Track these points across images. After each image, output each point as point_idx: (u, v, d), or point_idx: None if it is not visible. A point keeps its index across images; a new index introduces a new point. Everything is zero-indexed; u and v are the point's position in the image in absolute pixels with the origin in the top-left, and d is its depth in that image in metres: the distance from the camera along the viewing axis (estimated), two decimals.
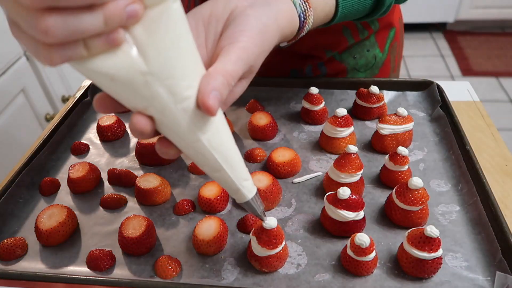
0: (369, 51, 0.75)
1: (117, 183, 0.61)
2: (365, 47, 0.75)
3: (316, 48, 0.71)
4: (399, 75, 0.87)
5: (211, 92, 0.31)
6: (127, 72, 0.29)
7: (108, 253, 0.50)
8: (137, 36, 0.28)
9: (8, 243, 0.51)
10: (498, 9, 2.81)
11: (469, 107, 0.74)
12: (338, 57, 0.74)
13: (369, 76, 0.79)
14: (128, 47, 0.28)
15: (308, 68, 0.74)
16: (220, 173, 0.38)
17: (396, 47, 0.80)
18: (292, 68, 0.74)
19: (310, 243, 0.51)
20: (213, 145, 0.36)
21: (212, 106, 0.31)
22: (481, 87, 2.43)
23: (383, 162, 0.59)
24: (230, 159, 0.38)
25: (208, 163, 0.37)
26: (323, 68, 0.75)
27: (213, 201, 0.54)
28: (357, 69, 0.76)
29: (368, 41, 0.75)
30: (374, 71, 0.79)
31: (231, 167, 0.38)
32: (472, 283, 0.45)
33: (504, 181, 0.59)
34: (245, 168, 0.41)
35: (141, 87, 0.30)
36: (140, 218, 0.51)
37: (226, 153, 0.37)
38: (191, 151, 0.36)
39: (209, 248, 0.49)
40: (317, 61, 0.74)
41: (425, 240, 0.44)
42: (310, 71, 0.75)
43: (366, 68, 0.76)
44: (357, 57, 0.74)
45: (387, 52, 0.78)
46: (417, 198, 0.50)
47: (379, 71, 0.80)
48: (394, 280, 0.47)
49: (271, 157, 0.60)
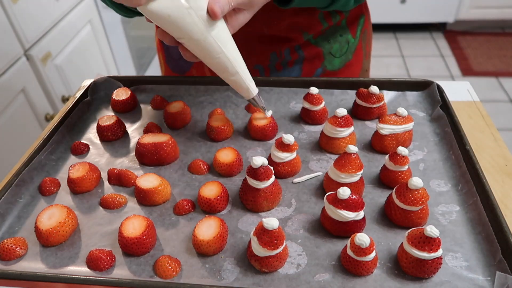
0: (342, 36, 0.80)
1: (117, 183, 0.61)
2: (337, 32, 0.79)
3: (292, 29, 0.75)
4: (370, 62, 0.92)
5: (217, 3, 0.49)
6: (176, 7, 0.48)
7: (108, 253, 0.50)
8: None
9: (8, 243, 0.51)
10: (498, 9, 2.81)
11: (469, 107, 0.74)
12: (314, 41, 0.78)
13: (344, 61, 0.82)
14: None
15: (287, 52, 0.78)
16: (236, 76, 0.57)
17: (366, 34, 0.85)
18: (271, 52, 0.78)
19: (310, 243, 0.51)
20: (232, 55, 0.55)
21: (216, 11, 0.49)
22: (481, 87, 2.43)
23: (383, 162, 0.59)
24: (242, 65, 0.57)
25: (227, 69, 0.56)
26: (300, 51, 0.78)
27: (213, 201, 0.54)
28: (333, 54, 0.80)
29: (339, 26, 0.79)
30: (348, 56, 0.82)
31: (243, 71, 0.57)
32: (472, 283, 0.45)
33: (504, 181, 0.59)
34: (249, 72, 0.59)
35: (186, 18, 0.49)
36: (140, 218, 0.51)
37: (239, 61, 0.56)
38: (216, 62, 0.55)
39: (209, 248, 0.49)
40: (294, 44, 0.77)
41: (425, 240, 0.44)
42: (289, 54, 0.78)
43: (341, 53, 0.81)
44: (331, 41, 0.79)
45: (358, 38, 0.83)
46: (417, 198, 0.50)
47: (352, 56, 0.83)
48: (394, 280, 0.47)
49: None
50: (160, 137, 0.63)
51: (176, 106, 0.70)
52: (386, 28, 3.02)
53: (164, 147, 0.62)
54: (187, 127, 0.71)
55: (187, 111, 0.71)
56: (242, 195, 0.55)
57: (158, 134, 0.64)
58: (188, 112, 0.71)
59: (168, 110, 0.70)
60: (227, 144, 0.67)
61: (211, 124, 0.67)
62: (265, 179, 0.53)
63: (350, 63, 0.83)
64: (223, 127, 0.67)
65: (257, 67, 0.79)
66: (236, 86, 0.59)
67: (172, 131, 0.70)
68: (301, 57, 0.79)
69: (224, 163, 0.60)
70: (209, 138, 0.68)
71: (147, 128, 0.69)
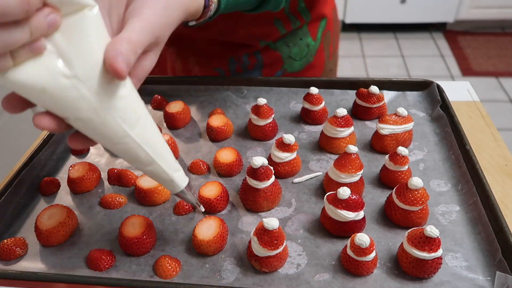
0: (302, 40, 0.79)
1: (117, 183, 0.61)
2: (298, 36, 0.78)
3: (249, 38, 0.75)
4: (337, 62, 0.92)
5: (118, 56, 0.33)
6: (54, 78, 0.31)
7: (108, 253, 0.50)
8: (57, 43, 0.31)
9: (8, 243, 0.51)
10: (498, 9, 2.81)
11: (469, 107, 0.74)
12: (273, 45, 0.77)
13: (304, 64, 0.82)
14: (52, 55, 0.31)
15: (245, 56, 0.78)
16: (153, 166, 0.40)
17: (329, 36, 0.85)
18: (230, 56, 0.78)
19: (310, 243, 0.51)
20: (143, 139, 0.38)
21: (121, 69, 0.32)
22: (481, 87, 2.43)
23: (383, 162, 0.59)
24: (160, 152, 0.40)
25: (140, 158, 0.39)
26: (259, 56, 0.78)
27: (213, 201, 0.54)
28: (292, 57, 0.79)
29: (301, 30, 0.78)
30: (309, 58, 0.82)
31: (162, 159, 0.41)
32: (472, 283, 0.45)
33: (504, 181, 0.59)
34: (175, 159, 0.43)
35: (70, 92, 0.32)
36: (140, 218, 0.51)
37: (155, 146, 0.40)
38: (121, 149, 0.38)
39: (209, 248, 0.49)
40: (252, 50, 0.77)
41: (425, 240, 0.44)
42: (247, 59, 0.78)
43: (301, 56, 0.80)
44: (291, 45, 0.78)
45: (319, 40, 0.82)
46: (417, 198, 0.50)
47: (313, 58, 0.83)
48: (394, 280, 0.47)
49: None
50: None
51: (176, 106, 0.70)
52: (386, 28, 3.02)
53: None
54: (187, 127, 0.71)
55: (187, 111, 0.71)
56: (242, 195, 0.55)
57: None
58: (188, 112, 0.71)
59: (168, 110, 0.70)
60: (227, 144, 0.67)
61: (211, 124, 0.67)
62: (265, 179, 0.53)
63: (311, 65, 0.83)
64: (223, 127, 0.67)
65: (218, 70, 0.80)
66: (155, 178, 0.42)
67: (172, 131, 0.70)
68: (260, 62, 0.79)
69: (224, 163, 0.60)
70: (209, 138, 0.68)
71: None
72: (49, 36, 0.31)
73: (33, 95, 0.32)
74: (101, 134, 0.36)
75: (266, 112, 0.65)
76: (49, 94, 0.32)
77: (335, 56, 0.91)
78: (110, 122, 0.35)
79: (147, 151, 0.39)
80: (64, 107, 0.33)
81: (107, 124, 0.35)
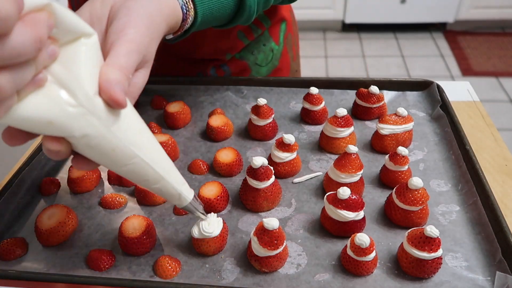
0: (265, 45, 0.80)
1: (117, 183, 0.61)
2: (261, 42, 0.79)
3: (215, 53, 0.76)
4: (300, 62, 0.93)
5: (115, 86, 0.33)
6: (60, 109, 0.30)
7: (108, 253, 0.50)
8: (57, 73, 0.30)
9: (8, 243, 0.51)
10: (498, 9, 2.81)
11: (469, 107, 0.74)
12: (238, 55, 0.79)
13: (271, 68, 0.83)
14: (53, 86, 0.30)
15: (212, 70, 0.79)
16: (161, 183, 0.40)
17: (290, 38, 0.86)
18: (198, 72, 0.79)
19: (310, 243, 0.51)
20: (150, 157, 0.37)
21: (120, 98, 0.33)
22: (481, 87, 2.43)
23: (383, 162, 0.59)
24: (166, 168, 0.40)
25: (148, 177, 0.38)
26: (225, 67, 0.79)
27: (213, 201, 0.54)
28: (258, 64, 0.80)
29: (262, 36, 0.79)
30: (274, 63, 0.83)
31: (169, 174, 0.40)
32: (472, 283, 0.45)
33: (504, 181, 0.59)
34: (179, 173, 0.42)
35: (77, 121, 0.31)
36: (140, 218, 0.51)
37: (162, 163, 0.39)
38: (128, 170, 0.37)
39: (209, 248, 0.49)
40: (219, 63, 0.78)
41: (425, 240, 0.44)
42: (214, 72, 0.79)
43: (267, 61, 0.81)
44: (255, 52, 0.79)
45: (282, 43, 0.83)
46: (417, 198, 0.50)
47: (279, 62, 0.84)
48: (394, 280, 0.47)
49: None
50: (160, 137, 0.63)
51: (176, 106, 0.70)
52: (386, 28, 3.02)
53: (164, 147, 0.61)
54: (187, 127, 0.71)
55: (187, 111, 0.71)
56: (242, 195, 0.55)
57: (158, 134, 0.64)
58: (188, 112, 0.71)
59: (168, 110, 0.70)
60: (227, 144, 0.67)
61: (211, 124, 0.67)
62: (265, 179, 0.53)
63: (278, 69, 0.85)
64: (223, 127, 0.67)
65: None
66: (163, 194, 0.42)
67: (172, 131, 0.70)
68: (228, 73, 0.80)
69: (224, 163, 0.60)
70: (209, 138, 0.68)
71: None
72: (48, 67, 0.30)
73: (39, 128, 0.31)
74: (110, 158, 0.35)
75: (266, 112, 0.65)
76: (57, 125, 0.31)
77: (298, 57, 0.92)
78: (119, 146, 0.35)
79: (155, 169, 0.38)
80: (71, 136, 0.32)
81: (116, 149, 0.35)
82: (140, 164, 0.37)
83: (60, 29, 0.30)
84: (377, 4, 2.82)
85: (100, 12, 0.40)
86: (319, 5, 2.85)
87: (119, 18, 0.38)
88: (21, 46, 0.26)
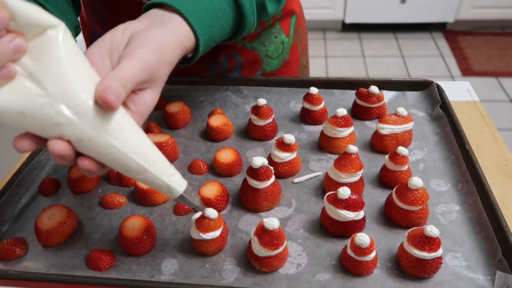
0: (277, 37, 0.80)
1: (117, 183, 0.61)
2: (272, 34, 0.80)
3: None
4: (308, 59, 0.94)
5: (107, 89, 0.35)
6: (29, 100, 0.32)
7: (108, 253, 0.50)
8: (27, 66, 0.32)
9: (8, 243, 0.51)
10: (498, 9, 2.81)
11: (469, 107, 0.74)
12: (250, 45, 0.79)
13: (281, 61, 0.83)
14: (23, 78, 0.32)
15: (224, 58, 0.78)
16: (145, 173, 0.40)
17: (300, 32, 0.87)
18: (208, 60, 0.78)
19: (310, 243, 0.51)
20: (129, 148, 0.38)
21: (111, 100, 0.34)
22: (481, 87, 2.43)
23: (383, 162, 0.59)
24: (151, 159, 0.40)
25: (130, 167, 0.39)
26: (237, 57, 0.79)
27: (213, 201, 0.54)
28: (269, 56, 0.81)
29: (274, 28, 0.79)
30: (285, 56, 0.83)
31: (154, 165, 0.40)
32: (472, 282, 0.45)
33: (504, 181, 0.59)
34: (170, 164, 0.42)
35: (46, 110, 0.33)
36: (140, 218, 0.51)
37: (144, 153, 0.39)
38: (110, 160, 0.38)
39: (209, 248, 0.49)
40: (230, 51, 0.78)
41: (425, 240, 0.44)
42: (226, 61, 0.79)
43: (277, 54, 0.82)
44: (267, 44, 0.79)
45: (292, 37, 0.84)
46: (417, 198, 0.50)
47: (289, 55, 0.84)
48: (394, 280, 0.47)
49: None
50: (160, 137, 0.63)
51: (176, 106, 0.70)
52: (386, 28, 3.02)
53: (164, 147, 0.62)
54: (187, 127, 0.71)
55: (187, 111, 0.71)
56: (242, 195, 0.56)
57: (158, 134, 0.64)
58: (188, 112, 0.71)
59: (168, 110, 0.70)
60: (227, 144, 0.67)
61: (211, 124, 0.67)
62: (265, 179, 0.53)
63: (288, 62, 0.85)
64: (223, 127, 0.67)
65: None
66: (150, 185, 0.41)
67: (172, 131, 0.70)
68: (239, 63, 0.80)
69: (224, 163, 0.60)
70: (209, 138, 0.68)
71: (147, 128, 0.69)
72: (18, 60, 0.32)
73: (13, 119, 0.33)
74: (87, 147, 0.36)
75: (266, 113, 0.65)
76: (28, 116, 0.33)
77: (307, 53, 0.93)
78: (93, 135, 0.35)
79: (135, 160, 0.38)
80: (44, 126, 0.34)
81: (91, 138, 0.36)
82: (117, 154, 0.37)
83: (19, 23, 0.31)
84: (377, 4, 2.82)
85: (120, 40, 0.43)
86: (319, 5, 2.85)
87: (133, 43, 0.42)
88: None
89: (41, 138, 0.35)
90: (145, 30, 0.44)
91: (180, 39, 0.47)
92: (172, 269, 0.49)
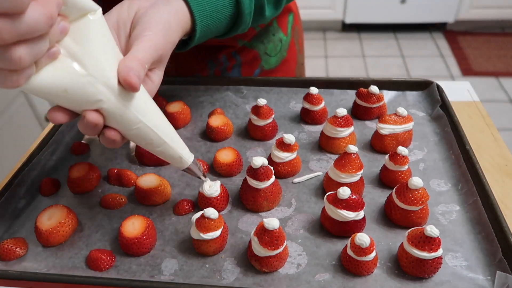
0: (275, 35, 0.82)
1: (117, 183, 0.61)
2: (270, 32, 0.81)
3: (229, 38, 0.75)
4: (304, 57, 0.95)
5: (130, 71, 0.38)
6: (73, 78, 0.36)
7: (108, 253, 0.50)
8: (69, 47, 0.36)
9: (8, 243, 0.51)
10: (498, 9, 2.81)
11: (469, 107, 0.74)
12: (249, 44, 0.79)
13: (280, 59, 0.84)
14: (66, 58, 0.36)
15: (224, 58, 0.79)
16: (164, 146, 0.46)
17: (297, 30, 0.88)
18: (209, 59, 0.79)
19: (310, 243, 0.51)
20: (153, 123, 0.43)
21: (134, 82, 0.38)
22: (481, 87, 2.43)
23: (383, 162, 0.59)
24: (169, 133, 0.46)
25: (152, 140, 0.45)
26: (237, 56, 0.80)
27: (213, 201, 0.54)
28: (268, 53, 0.82)
29: (272, 26, 0.81)
30: (283, 53, 0.85)
31: (171, 139, 0.47)
32: (472, 282, 0.45)
33: (504, 181, 0.59)
34: (181, 139, 0.48)
35: (88, 88, 0.37)
36: (140, 218, 0.51)
37: (164, 128, 0.45)
38: (135, 134, 0.43)
39: (209, 248, 0.49)
40: (230, 50, 0.79)
41: (425, 240, 0.44)
42: (226, 60, 0.79)
43: (276, 52, 0.83)
44: (265, 42, 0.81)
45: (290, 35, 0.85)
46: (417, 198, 0.50)
47: (287, 53, 0.85)
48: (394, 280, 0.47)
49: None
50: None
51: (176, 106, 0.70)
52: (386, 28, 3.02)
53: None
54: (187, 127, 0.71)
55: (187, 111, 0.71)
56: (242, 195, 0.56)
57: None
58: (188, 112, 0.71)
59: (168, 110, 0.70)
60: (227, 144, 0.67)
61: (211, 124, 0.67)
62: (265, 179, 0.53)
63: (286, 60, 0.86)
64: (223, 127, 0.67)
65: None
66: (166, 157, 0.48)
67: None
68: (239, 62, 0.81)
69: (224, 163, 0.60)
70: (209, 138, 0.68)
71: None
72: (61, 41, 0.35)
73: (56, 96, 0.37)
74: (118, 122, 0.41)
75: (266, 113, 0.65)
76: (71, 93, 0.36)
77: (303, 51, 0.95)
78: (126, 112, 0.40)
79: (158, 134, 0.44)
80: (84, 102, 0.38)
81: (124, 115, 0.40)
82: (144, 129, 0.43)
83: (68, 7, 0.34)
84: (377, 4, 2.82)
85: (126, 16, 0.46)
86: (319, 5, 2.85)
87: (141, 24, 0.44)
88: (35, 23, 0.30)
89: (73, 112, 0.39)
90: (150, 9, 0.46)
91: (182, 21, 0.49)
92: (172, 269, 0.49)
